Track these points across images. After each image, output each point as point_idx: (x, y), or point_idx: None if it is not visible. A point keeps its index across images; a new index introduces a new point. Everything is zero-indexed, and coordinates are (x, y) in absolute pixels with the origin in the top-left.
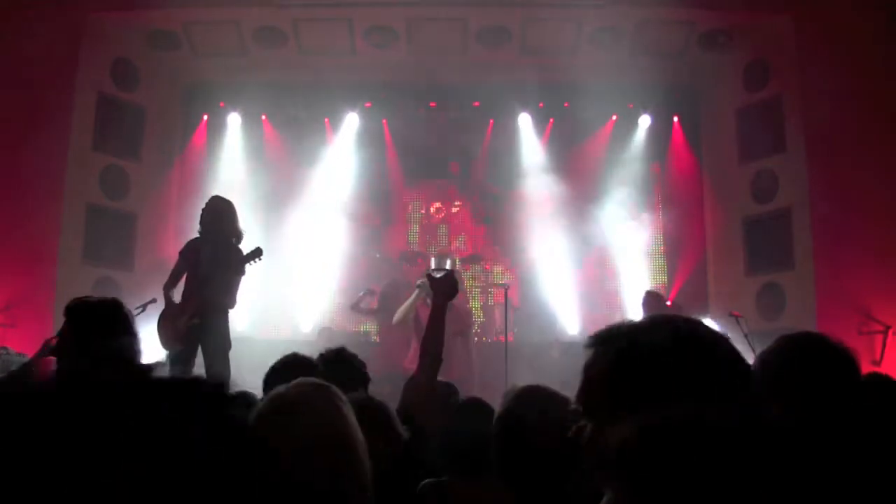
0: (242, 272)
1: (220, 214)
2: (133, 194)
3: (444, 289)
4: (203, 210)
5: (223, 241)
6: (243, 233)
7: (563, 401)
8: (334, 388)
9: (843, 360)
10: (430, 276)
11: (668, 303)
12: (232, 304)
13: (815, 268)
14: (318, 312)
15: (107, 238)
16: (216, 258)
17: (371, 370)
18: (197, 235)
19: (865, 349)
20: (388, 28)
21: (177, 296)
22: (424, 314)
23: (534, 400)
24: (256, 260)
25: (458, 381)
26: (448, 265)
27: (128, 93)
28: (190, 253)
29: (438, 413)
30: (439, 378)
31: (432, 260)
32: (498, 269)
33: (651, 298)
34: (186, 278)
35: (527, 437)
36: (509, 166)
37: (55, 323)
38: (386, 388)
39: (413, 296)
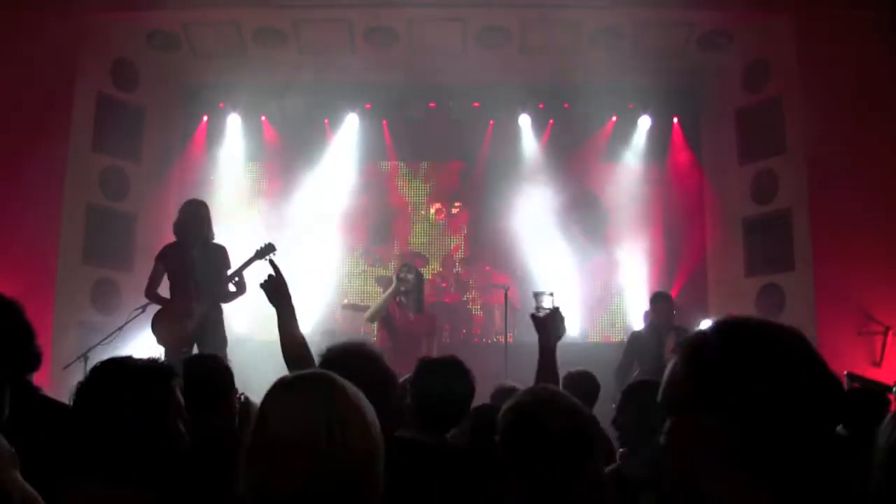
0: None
1: (202, 218)
2: (133, 195)
3: (553, 329)
4: (185, 214)
5: (209, 244)
6: (214, 234)
7: (570, 399)
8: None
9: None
10: (534, 317)
11: None
12: (229, 299)
13: (815, 268)
14: (318, 313)
15: (106, 238)
16: (207, 259)
17: None
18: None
19: (865, 349)
20: (388, 28)
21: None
22: (394, 312)
23: (547, 396)
24: (270, 255)
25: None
26: (551, 302)
27: (128, 93)
28: (171, 258)
29: None
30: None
31: (534, 297)
32: (498, 269)
33: (660, 300)
34: (175, 282)
35: (537, 432)
36: (509, 167)
37: (55, 323)
38: None
39: (388, 291)
